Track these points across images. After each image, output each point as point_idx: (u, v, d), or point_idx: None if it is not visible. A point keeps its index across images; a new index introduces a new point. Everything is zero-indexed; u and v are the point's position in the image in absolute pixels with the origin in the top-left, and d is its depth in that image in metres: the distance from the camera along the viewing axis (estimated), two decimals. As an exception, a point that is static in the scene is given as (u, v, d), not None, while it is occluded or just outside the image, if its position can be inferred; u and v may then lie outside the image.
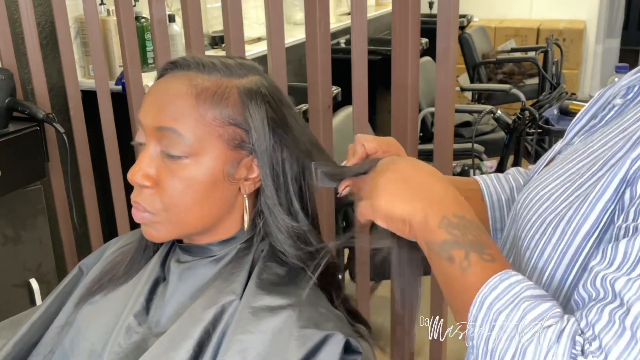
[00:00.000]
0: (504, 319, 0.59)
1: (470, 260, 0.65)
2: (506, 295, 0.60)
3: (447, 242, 0.67)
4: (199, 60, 0.82)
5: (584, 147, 0.73)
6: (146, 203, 0.81)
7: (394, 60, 1.39)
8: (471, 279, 0.64)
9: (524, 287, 0.61)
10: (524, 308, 0.59)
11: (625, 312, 0.54)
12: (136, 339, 0.85)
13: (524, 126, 2.71)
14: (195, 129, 0.79)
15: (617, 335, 0.54)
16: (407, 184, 0.72)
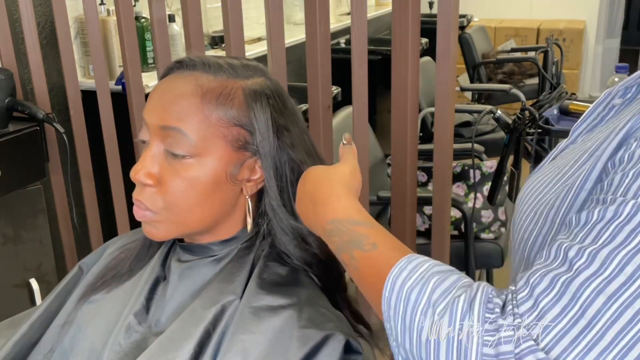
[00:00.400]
0: (417, 295, 0.59)
1: (356, 258, 0.68)
2: (415, 273, 0.61)
3: (335, 250, 0.72)
4: (205, 61, 0.83)
5: (582, 144, 0.74)
6: (148, 201, 0.81)
7: (394, 60, 1.39)
8: (365, 272, 0.67)
9: (431, 264, 0.62)
10: (434, 282, 0.59)
11: (571, 278, 0.54)
12: (136, 338, 0.85)
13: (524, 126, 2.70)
14: (200, 129, 0.79)
15: (555, 300, 0.54)
16: (300, 212, 0.80)
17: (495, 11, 5.74)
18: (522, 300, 0.55)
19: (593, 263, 0.54)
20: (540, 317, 0.54)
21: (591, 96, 5.57)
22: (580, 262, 0.54)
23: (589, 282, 0.53)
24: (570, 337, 0.52)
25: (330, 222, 0.72)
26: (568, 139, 0.82)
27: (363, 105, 1.48)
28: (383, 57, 3.14)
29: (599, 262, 0.53)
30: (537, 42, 5.26)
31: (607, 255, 0.53)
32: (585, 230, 0.56)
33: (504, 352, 0.53)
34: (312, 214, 0.76)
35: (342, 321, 0.81)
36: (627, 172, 0.57)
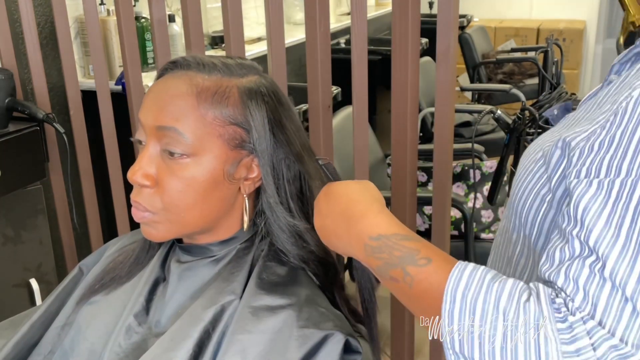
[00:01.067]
0: (482, 304, 0.60)
1: (410, 274, 0.67)
2: (472, 283, 0.61)
3: (381, 267, 0.70)
4: (199, 60, 0.83)
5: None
6: (146, 202, 0.81)
7: (394, 60, 1.39)
8: (422, 287, 0.66)
9: (482, 271, 0.63)
10: (496, 289, 0.60)
11: (602, 265, 0.58)
12: (136, 339, 0.85)
13: (524, 126, 2.70)
14: (196, 128, 0.79)
15: (600, 286, 0.58)
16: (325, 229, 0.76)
17: (495, 11, 5.73)
18: (573, 294, 0.59)
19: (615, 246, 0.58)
20: (595, 304, 0.57)
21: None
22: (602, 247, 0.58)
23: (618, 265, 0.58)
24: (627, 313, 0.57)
25: (376, 238, 0.70)
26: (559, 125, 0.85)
27: (363, 105, 1.48)
28: (383, 57, 3.14)
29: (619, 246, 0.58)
30: (537, 42, 5.25)
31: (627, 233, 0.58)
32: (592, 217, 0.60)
33: (582, 347, 0.56)
34: (345, 231, 0.73)
35: (341, 320, 0.81)
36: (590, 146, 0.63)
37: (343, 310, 0.87)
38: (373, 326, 0.87)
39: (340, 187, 0.77)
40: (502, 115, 2.77)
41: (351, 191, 0.76)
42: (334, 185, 0.78)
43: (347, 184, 0.78)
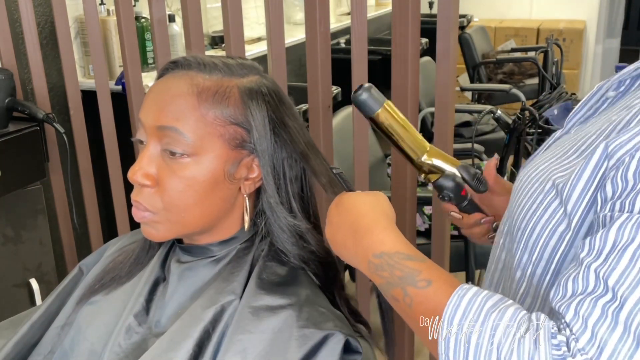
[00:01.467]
0: (477, 337, 0.58)
1: (410, 295, 0.67)
2: (470, 311, 0.60)
3: (382, 285, 0.70)
4: (200, 60, 0.82)
5: (576, 134, 0.75)
6: (147, 202, 0.81)
7: (394, 60, 1.39)
8: (420, 309, 0.66)
9: (483, 297, 0.61)
10: (493, 320, 0.59)
11: (619, 306, 0.55)
12: (136, 339, 0.85)
13: (524, 126, 2.70)
14: (196, 128, 0.79)
15: (611, 329, 0.55)
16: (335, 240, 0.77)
17: (495, 11, 5.73)
18: (580, 333, 0.56)
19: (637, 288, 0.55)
20: (602, 348, 0.55)
21: (591, 96, 5.56)
22: (623, 288, 0.55)
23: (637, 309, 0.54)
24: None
25: (379, 256, 0.70)
26: (563, 130, 0.83)
27: (363, 105, 1.48)
28: (383, 57, 3.14)
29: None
30: (537, 42, 5.25)
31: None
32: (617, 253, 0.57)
33: None
34: (352, 244, 0.74)
35: (341, 321, 0.81)
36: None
37: (343, 311, 0.87)
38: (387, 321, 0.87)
39: (351, 199, 0.78)
40: (502, 115, 2.77)
41: (361, 203, 0.77)
42: (345, 196, 0.79)
43: (359, 195, 0.78)
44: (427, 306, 0.65)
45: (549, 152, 0.77)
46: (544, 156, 0.77)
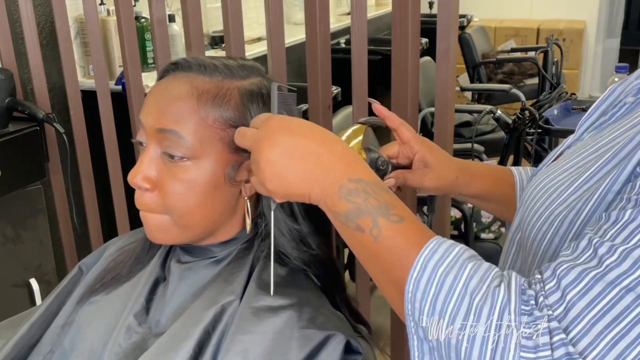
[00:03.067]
0: (452, 280, 0.59)
1: (379, 227, 0.63)
2: (448, 256, 0.60)
3: (351, 211, 0.65)
4: (201, 62, 0.82)
5: (593, 142, 0.73)
6: (149, 207, 0.82)
7: (394, 60, 1.39)
8: (387, 243, 0.63)
9: (461, 249, 0.62)
10: (470, 268, 0.59)
11: (601, 274, 0.55)
12: (136, 339, 0.85)
13: (524, 126, 2.71)
14: (197, 131, 0.79)
15: (582, 294, 0.55)
16: (291, 158, 0.67)
17: (495, 11, 5.74)
18: (551, 291, 0.57)
19: (624, 262, 0.55)
20: (568, 310, 0.55)
21: (591, 96, 5.57)
22: (611, 259, 0.55)
23: (619, 280, 0.54)
24: (597, 330, 0.54)
25: (356, 181, 0.65)
26: (574, 136, 0.81)
27: (363, 105, 1.48)
28: (383, 57, 3.14)
29: (630, 262, 0.54)
30: (537, 42, 5.26)
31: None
32: (617, 229, 0.57)
33: (543, 343, 0.55)
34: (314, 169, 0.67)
35: (342, 321, 0.81)
36: None
37: (343, 311, 0.87)
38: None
39: (308, 124, 0.71)
40: (502, 115, 2.77)
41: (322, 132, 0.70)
42: (295, 121, 0.71)
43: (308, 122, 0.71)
44: (396, 242, 0.63)
45: (564, 160, 0.75)
46: (558, 164, 0.76)
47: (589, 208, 0.65)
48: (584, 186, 0.68)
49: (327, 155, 0.68)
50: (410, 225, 0.64)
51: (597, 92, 5.66)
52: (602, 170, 0.66)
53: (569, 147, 0.81)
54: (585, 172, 0.69)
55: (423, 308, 0.60)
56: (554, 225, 0.69)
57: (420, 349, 0.61)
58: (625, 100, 0.75)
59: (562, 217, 0.68)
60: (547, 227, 0.70)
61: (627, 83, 0.77)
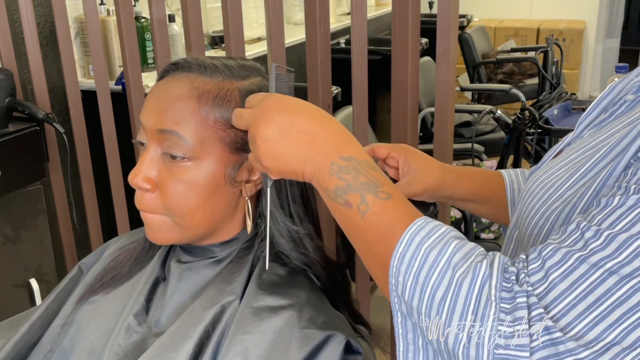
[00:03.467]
0: (436, 255, 0.60)
1: (367, 203, 0.65)
2: (434, 234, 0.62)
3: (340, 188, 0.67)
4: (201, 62, 0.82)
5: (591, 139, 0.74)
6: (149, 208, 0.82)
7: (394, 60, 1.39)
8: (373, 220, 0.65)
9: (448, 229, 0.63)
10: (454, 245, 0.60)
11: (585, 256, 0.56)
12: (136, 338, 0.85)
13: (524, 126, 2.71)
14: (197, 132, 0.79)
15: (565, 274, 0.56)
16: (286, 137, 0.69)
17: (495, 11, 5.74)
18: (534, 271, 0.58)
19: (609, 246, 0.55)
20: (550, 290, 0.56)
21: (591, 96, 5.58)
22: (596, 243, 0.56)
23: (602, 263, 0.55)
24: (577, 310, 0.55)
25: (347, 159, 0.67)
26: (573, 133, 0.82)
27: (363, 105, 1.48)
28: (383, 57, 3.14)
29: (615, 246, 0.55)
30: (537, 42, 5.26)
31: (624, 240, 0.55)
32: (604, 214, 0.58)
33: (519, 317, 0.56)
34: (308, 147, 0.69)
35: (342, 321, 0.81)
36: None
37: (343, 312, 0.87)
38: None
39: (301, 103, 0.72)
40: (502, 115, 2.78)
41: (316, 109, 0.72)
42: (290, 99, 0.72)
43: (305, 102, 0.72)
44: (382, 217, 0.64)
45: (562, 156, 0.76)
46: (556, 161, 0.76)
47: (584, 202, 0.66)
48: (580, 181, 0.68)
49: (321, 134, 0.69)
50: (398, 202, 0.66)
51: (597, 92, 5.66)
52: (598, 166, 0.67)
53: (568, 144, 0.81)
54: (582, 168, 0.69)
55: (406, 282, 0.61)
56: (550, 220, 0.70)
57: (404, 326, 0.63)
58: (625, 98, 0.75)
59: (558, 212, 0.69)
60: (543, 222, 0.71)
61: (628, 80, 0.77)
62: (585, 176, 0.68)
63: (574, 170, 0.70)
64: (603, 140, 0.70)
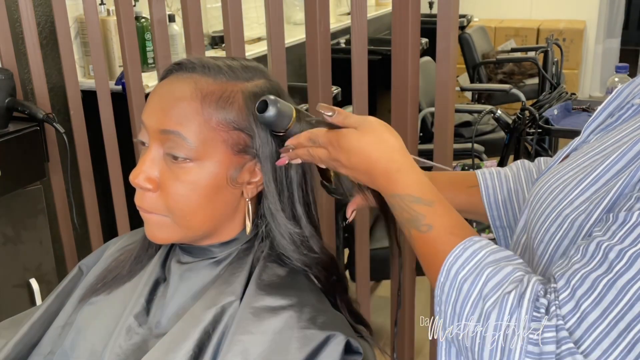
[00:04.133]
0: (469, 286, 0.62)
1: (413, 237, 0.72)
2: (470, 262, 0.64)
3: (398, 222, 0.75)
4: (205, 63, 0.82)
5: (599, 143, 0.73)
6: (150, 207, 0.81)
7: (394, 60, 1.39)
8: (421, 252, 0.71)
9: (487, 252, 0.64)
10: (487, 275, 0.62)
11: (612, 280, 0.56)
12: (136, 340, 0.85)
13: (524, 126, 2.71)
14: (200, 133, 0.78)
15: (596, 303, 0.56)
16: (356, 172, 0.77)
17: (495, 11, 5.74)
18: (564, 302, 0.58)
19: (633, 266, 0.55)
20: (582, 319, 0.56)
21: (591, 96, 5.57)
22: (621, 264, 0.56)
23: (629, 286, 0.55)
24: (610, 339, 0.55)
25: (392, 196, 0.74)
26: (580, 138, 0.81)
27: (363, 105, 1.48)
28: (383, 57, 3.14)
29: (639, 266, 0.55)
30: (537, 42, 5.26)
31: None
32: (625, 231, 0.57)
33: (547, 351, 0.56)
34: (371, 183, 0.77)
35: (342, 321, 0.81)
36: None
37: (343, 312, 0.87)
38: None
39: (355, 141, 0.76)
40: (502, 115, 2.77)
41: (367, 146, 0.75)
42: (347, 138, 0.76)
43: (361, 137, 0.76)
44: (427, 250, 0.70)
45: (570, 161, 0.75)
46: (563, 165, 0.75)
47: (600, 211, 0.65)
48: (592, 187, 0.68)
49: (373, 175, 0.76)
50: (440, 234, 0.69)
51: (597, 92, 5.66)
52: (610, 171, 0.66)
53: (575, 149, 0.80)
54: (593, 173, 0.68)
55: (447, 311, 0.64)
56: (563, 228, 0.69)
57: (448, 353, 0.66)
58: (632, 102, 0.75)
59: (572, 219, 0.68)
60: (555, 229, 0.70)
61: (634, 85, 0.76)
62: (597, 182, 0.67)
63: (584, 176, 0.69)
64: (613, 145, 0.69)
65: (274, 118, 0.78)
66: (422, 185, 0.74)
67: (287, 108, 0.79)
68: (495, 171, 0.98)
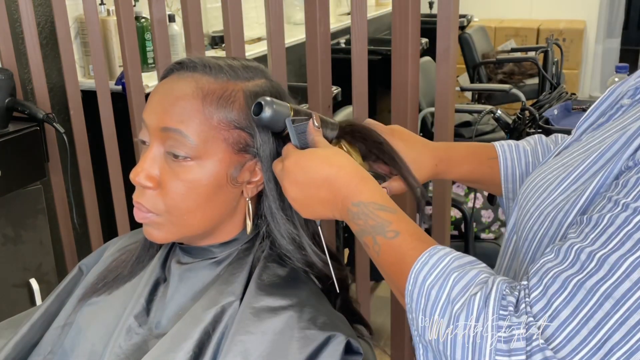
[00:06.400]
0: (436, 292, 0.62)
1: (378, 244, 0.71)
2: (436, 269, 0.64)
3: (357, 232, 0.74)
4: (206, 62, 0.82)
5: (586, 141, 0.74)
6: (149, 204, 0.81)
7: (394, 60, 1.39)
8: (386, 258, 0.70)
9: (452, 258, 0.65)
10: (453, 279, 0.62)
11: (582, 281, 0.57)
12: (136, 340, 0.85)
13: (524, 126, 2.70)
14: (201, 131, 0.79)
15: (567, 301, 0.57)
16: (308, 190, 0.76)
17: (495, 11, 5.73)
18: (536, 300, 0.58)
19: (602, 268, 0.56)
20: (554, 317, 0.57)
21: (591, 96, 5.57)
22: (591, 266, 0.57)
23: (598, 286, 0.55)
24: (580, 337, 0.55)
25: (356, 205, 0.73)
26: (572, 136, 0.81)
27: (363, 105, 1.48)
28: (383, 57, 3.14)
29: (607, 267, 0.56)
30: (537, 42, 5.26)
31: (616, 261, 0.55)
32: (596, 233, 0.58)
33: (516, 348, 0.56)
34: (331, 197, 0.75)
35: (342, 322, 0.81)
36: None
37: (343, 312, 0.87)
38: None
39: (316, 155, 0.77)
40: (502, 115, 2.77)
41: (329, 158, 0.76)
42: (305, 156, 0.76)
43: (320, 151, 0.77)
44: (393, 256, 0.69)
45: (560, 159, 0.76)
46: (549, 163, 0.76)
47: (577, 210, 0.66)
48: (572, 186, 0.69)
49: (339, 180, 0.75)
50: (407, 240, 0.69)
51: (597, 92, 5.66)
52: (589, 171, 0.68)
53: (566, 147, 0.81)
54: (575, 172, 0.70)
55: (418, 318, 0.64)
56: (544, 226, 0.70)
57: (426, 356, 0.66)
58: (621, 102, 0.75)
59: (552, 217, 0.69)
60: (537, 227, 0.71)
61: (626, 84, 0.76)
62: (577, 181, 0.69)
63: (566, 175, 0.71)
64: (595, 145, 0.70)
65: (270, 120, 0.78)
66: (383, 194, 0.75)
67: (284, 108, 0.79)
68: (514, 144, 1.00)
